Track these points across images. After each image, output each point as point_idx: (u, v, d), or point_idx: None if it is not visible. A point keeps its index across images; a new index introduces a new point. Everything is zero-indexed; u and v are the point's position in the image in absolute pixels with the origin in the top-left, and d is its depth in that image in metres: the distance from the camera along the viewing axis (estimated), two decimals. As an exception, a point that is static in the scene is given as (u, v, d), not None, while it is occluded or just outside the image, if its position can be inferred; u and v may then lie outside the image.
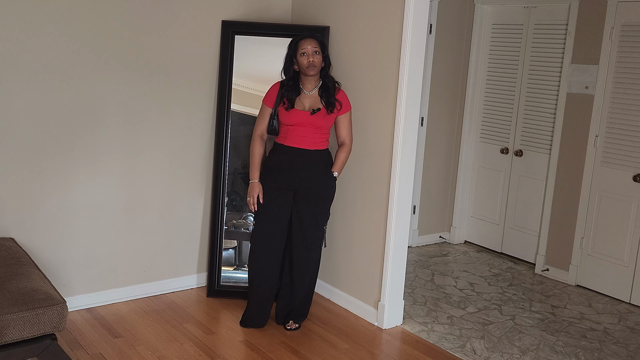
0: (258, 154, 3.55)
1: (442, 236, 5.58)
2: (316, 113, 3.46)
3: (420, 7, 3.46)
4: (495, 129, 5.22)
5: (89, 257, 3.73)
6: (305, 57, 3.41)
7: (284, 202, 3.53)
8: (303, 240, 3.58)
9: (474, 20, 5.20)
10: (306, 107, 3.48)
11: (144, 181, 3.85)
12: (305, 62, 3.41)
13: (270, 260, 3.60)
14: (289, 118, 3.46)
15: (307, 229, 3.57)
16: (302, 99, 3.49)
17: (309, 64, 3.41)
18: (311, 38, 3.46)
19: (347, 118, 3.58)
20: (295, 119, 3.45)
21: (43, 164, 3.49)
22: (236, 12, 4.01)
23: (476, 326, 3.86)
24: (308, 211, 3.55)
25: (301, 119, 3.45)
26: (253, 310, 3.66)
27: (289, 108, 3.46)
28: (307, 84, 3.50)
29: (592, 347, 3.67)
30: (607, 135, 4.41)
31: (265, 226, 3.56)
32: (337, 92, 3.53)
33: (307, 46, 3.41)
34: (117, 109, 3.67)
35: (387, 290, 3.71)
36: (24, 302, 2.56)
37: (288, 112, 3.46)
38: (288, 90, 3.46)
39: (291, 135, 3.48)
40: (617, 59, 4.30)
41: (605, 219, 4.47)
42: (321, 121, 3.48)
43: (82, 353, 3.25)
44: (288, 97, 3.46)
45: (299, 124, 3.45)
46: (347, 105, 3.57)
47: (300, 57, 3.42)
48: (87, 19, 3.48)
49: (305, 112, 3.47)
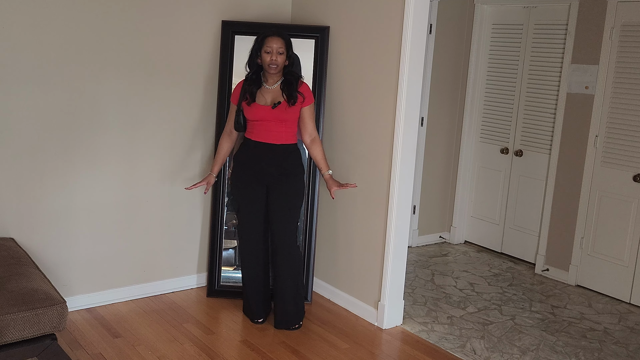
0: (224, 149, 3.70)
1: (442, 236, 5.58)
2: (277, 106, 3.46)
3: (420, 7, 3.46)
4: (495, 129, 5.22)
5: (89, 257, 3.73)
6: (269, 55, 3.42)
7: (257, 196, 3.58)
8: (281, 234, 3.60)
9: (474, 20, 5.20)
10: (268, 102, 3.50)
11: (144, 181, 3.85)
12: (268, 59, 3.43)
13: (255, 252, 3.67)
14: (252, 113, 3.49)
15: (280, 224, 3.59)
16: (264, 93, 3.51)
17: (271, 62, 3.43)
18: (278, 36, 3.46)
19: (311, 110, 3.60)
20: (257, 114, 3.47)
21: (43, 164, 3.49)
22: (236, 12, 4.01)
23: (476, 326, 3.86)
24: (279, 206, 3.58)
25: (263, 114, 3.47)
26: (250, 301, 3.74)
27: (250, 102, 3.49)
28: (269, 79, 3.51)
29: (592, 347, 3.67)
30: (607, 135, 4.40)
31: (246, 221, 3.65)
32: (300, 85, 3.55)
33: (272, 45, 3.43)
34: (118, 108, 3.67)
35: (387, 290, 3.71)
36: (24, 302, 2.56)
37: (250, 106, 3.49)
38: (249, 85, 3.51)
39: (257, 130, 3.52)
40: (617, 59, 4.30)
41: (605, 219, 4.47)
42: (284, 114, 3.48)
43: (82, 353, 3.25)
44: (249, 91, 3.49)
45: (262, 119, 3.48)
46: (310, 98, 3.59)
47: (264, 54, 3.44)
48: (87, 19, 3.48)
49: (267, 106, 3.48)
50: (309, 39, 3.92)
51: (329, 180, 3.62)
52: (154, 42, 3.73)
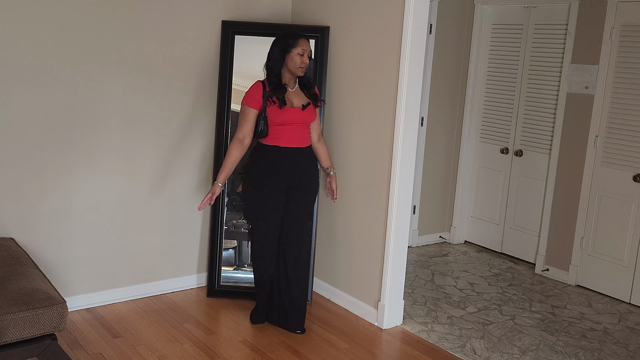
0: (234, 158, 3.41)
1: (442, 236, 5.58)
2: (307, 108, 3.46)
3: (420, 7, 3.46)
4: (495, 129, 5.22)
5: (89, 257, 3.73)
6: (301, 57, 3.39)
7: (279, 202, 3.52)
8: (298, 236, 3.58)
9: (474, 20, 5.20)
10: (294, 104, 3.45)
11: (144, 181, 3.85)
12: (299, 61, 3.39)
13: (274, 258, 3.61)
14: (283, 117, 3.40)
15: (301, 224, 3.59)
16: (289, 96, 3.47)
17: (302, 63, 3.40)
18: (307, 39, 3.46)
19: (318, 110, 3.64)
20: (287, 117, 3.41)
21: (43, 164, 3.49)
22: (236, 12, 4.01)
23: (476, 326, 3.86)
24: (302, 207, 3.57)
25: (293, 116, 3.42)
26: (261, 307, 3.70)
27: (281, 106, 3.39)
28: (289, 82, 3.48)
29: (592, 347, 3.67)
30: (607, 135, 4.41)
31: (267, 227, 3.54)
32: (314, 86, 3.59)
33: (307, 47, 3.41)
34: (117, 109, 3.67)
35: (387, 290, 3.71)
36: (24, 302, 2.56)
37: (281, 110, 3.39)
38: (274, 89, 3.40)
39: (283, 135, 3.43)
40: (617, 59, 4.30)
41: (605, 219, 4.47)
42: (310, 116, 3.49)
43: (82, 353, 3.25)
44: (278, 95, 3.39)
45: (290, 122, 3.42)
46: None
47: (296, 55, 3.38)
48: (87, 19, 3.48)
49: (297, 108, 3.45)
50: (309, 39, 3.92)
51: (333, 178, 3.69)
52: (154, 42, 3.73)
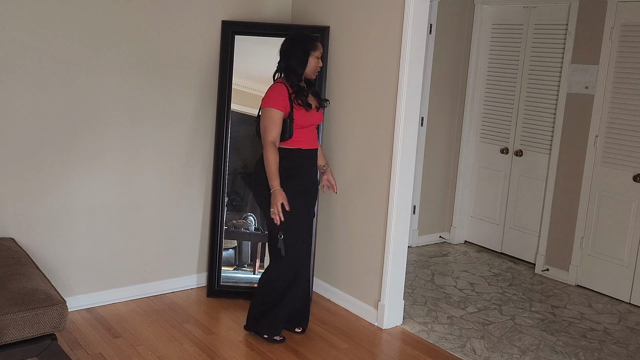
0: (276, 161, 3.28)
1: (442, 236, 5.58)
2: (319, 110, 3.49)
3: (420, 7, 3.46)
4: (495, 129, 5.22)
5: (89, 257, 3.73)
6: (318, 61, 3.40)
7: (306, 206, 3.49)
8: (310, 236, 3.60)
9: (474, 20, 5.20)
10: (312, 107, 3.46)
11: (143, 181, 3.85)
12: (316, 65, 3.40)
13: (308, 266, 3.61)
14: (309, 119, 3.39)
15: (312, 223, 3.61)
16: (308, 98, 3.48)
17: (318, 68, 3.43)
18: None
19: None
20: (311, 120, 3.42)
21: (43, 164, 3.49)
22: (236, 12, 4.01)
23: (476, 326, 3.86)
24: (313, 207, 3.61)
25: (313, 119, 3.44)
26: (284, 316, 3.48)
27: (308, 109, 3.38)
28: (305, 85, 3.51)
29: (592, 347, 3.67)
30: (607, 135, 4.40)
31: (305, 234, 3.44)
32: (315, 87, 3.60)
33: (321, 50, 3.43)
34: (117, 108, 3.67)
35: (387, 290, 3.71)
36: (24, 302, 2.56)
37: (308, 112, 3.38)
38: (298, 92, 3.37)
39: (306, 137, 3.42)
40: (617, 59, 4.30)
41: (605, 219, 4.47)
42: (321, 117, 3.54)
43: (82, 353, 3.25)
44: (302, 98, 3.37)
45: (311, 125, 3.44)
46: None
47: (314, 59, 3.38)
48: (86, 19, 3.48)
49: (314, 110, 3.44)
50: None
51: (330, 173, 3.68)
52: (154, 42, 3.73)
